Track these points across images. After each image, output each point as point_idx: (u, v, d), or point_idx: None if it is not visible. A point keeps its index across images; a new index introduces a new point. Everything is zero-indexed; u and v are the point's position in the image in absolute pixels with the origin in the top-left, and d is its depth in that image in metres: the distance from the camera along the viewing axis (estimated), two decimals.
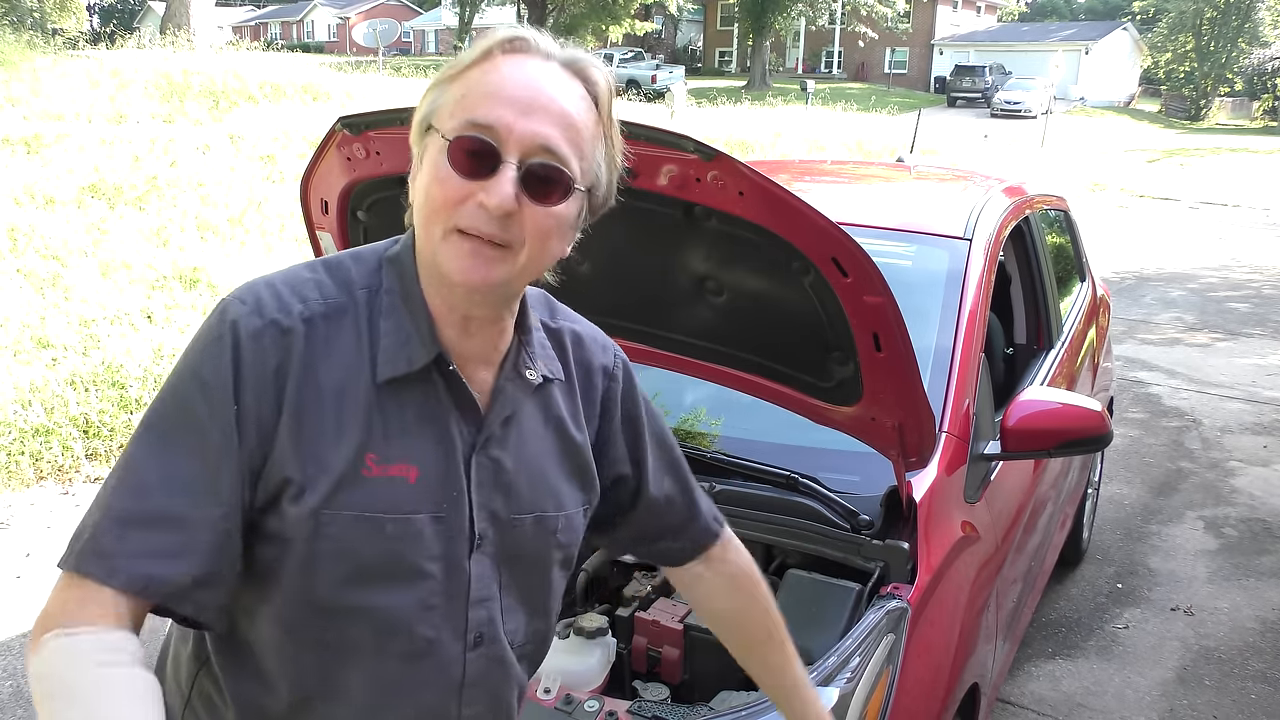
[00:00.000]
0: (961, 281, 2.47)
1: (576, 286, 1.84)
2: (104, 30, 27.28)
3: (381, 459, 0.98)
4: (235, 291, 0.99)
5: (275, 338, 0.95)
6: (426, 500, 1.00)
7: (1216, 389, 6.62)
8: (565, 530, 1.13)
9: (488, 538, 1.05)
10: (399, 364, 0.99)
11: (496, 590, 1.08)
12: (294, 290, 0.99)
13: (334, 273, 1.03)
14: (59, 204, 6.91)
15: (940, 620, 1.91)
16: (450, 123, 0.95)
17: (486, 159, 0.93)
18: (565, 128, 0.95)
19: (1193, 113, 47.51)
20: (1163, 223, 15.32)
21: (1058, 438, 2.20)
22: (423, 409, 1.01)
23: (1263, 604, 3.81)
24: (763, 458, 2.09)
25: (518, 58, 0.96)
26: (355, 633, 1.00)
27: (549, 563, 1.13)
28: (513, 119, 0.93)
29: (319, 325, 0.98)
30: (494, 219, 0.93)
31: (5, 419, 4.44)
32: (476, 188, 0.93)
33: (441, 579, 1.02)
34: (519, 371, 1.07)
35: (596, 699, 1.72)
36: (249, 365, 0.94)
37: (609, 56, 35.56)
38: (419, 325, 1.00)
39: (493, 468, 1.05)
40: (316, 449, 0.96)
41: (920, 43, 47.30)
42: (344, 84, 13.34)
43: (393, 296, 1.01)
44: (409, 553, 1.00)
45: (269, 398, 0.95)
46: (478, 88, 0.95)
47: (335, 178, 1.77)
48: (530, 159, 0.94)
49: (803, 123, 19.34)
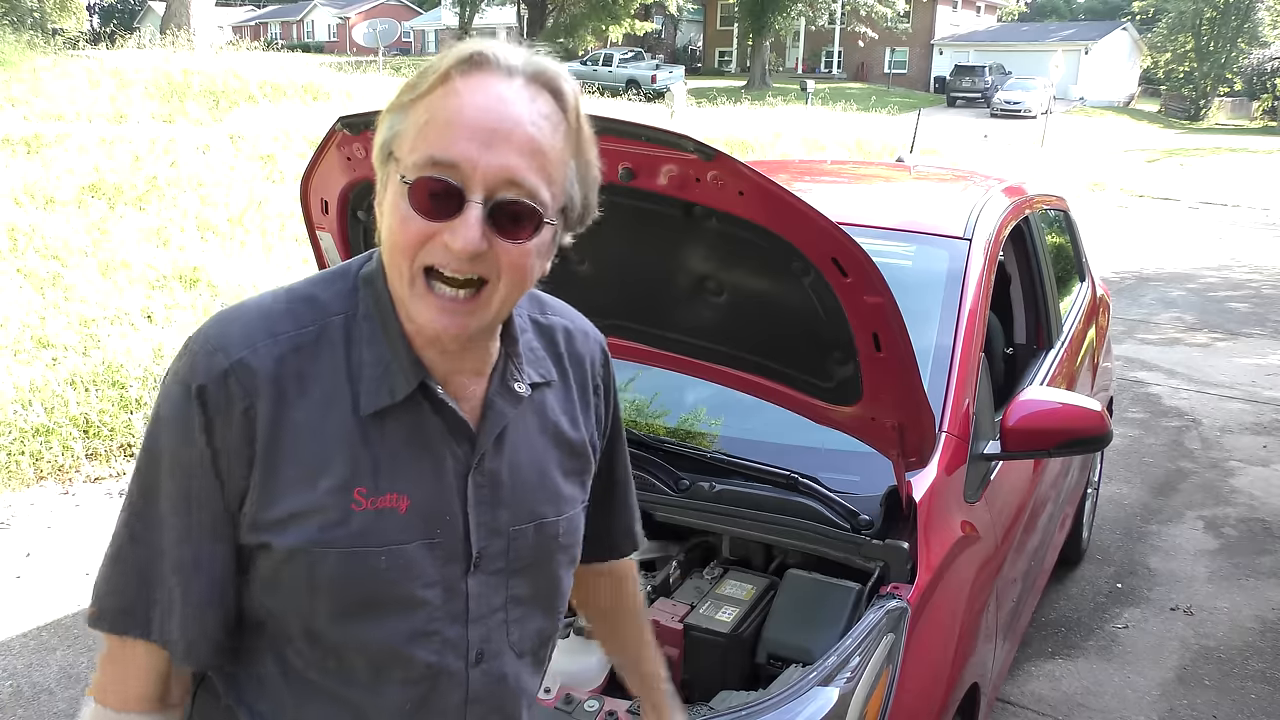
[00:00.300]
0: (961, 281, 2.47)
1: (577, 286, 1.84)
2: (104, 30, 27.30)
3: (370, 492, 0.96)
4: (203, 329, 0.97)
5: (242, 378, 0.93)
6: (419, 528, 0.99)
7: (1216, 389, 6.62)
8: (567, 532, 1.12)
9: (488, 554, 1.04)
10: (381, 396, 0.97)
11: (501, 604, 1.06)
12: (265, 323, 0.96)
13: (308, 301, 0.99)
14: (59, 204, 6.91)
15: (940, 620, 1.92)
16: (411, 157, 0.90)
17: (450, 199, 0.89)
18: (531, 154, 0.90)
19: (1192, 113, 47.50)
20: (1163, 223, 15.32)
21: (1057, 437, 2.20)
22: (411, 436, 0.99)
23: (1263, 604, 3.81)
24: (763, 458, 2.09)
25: (477, 77, 0.91)
26: (354, 664, 1.00)
27: (555, 566, 1.12)
28: (476, 153, 0.88)
29: (290, 361, 0.95)
30: (462, 259, 0.90)
31: (5, 419, 4.45)
32: (442, 228, 0.89)
33: (439, 603, 1.01)
34: (507, 384, 1.05)
35: (596, 699, 1.72)
36: (216, 409, 0.93)
37: (609, 57, 35.57)
38: (398, 353, 0.97)
39: (490, 484, 1.04)
40: (297, 487, 0.94)
41: (920, 43, 47.29)
42: (344, 84, 13.32)
43: (371, 323, 0.98)
44: (402, 582, 0.98)
45: (243, 437, 0.93)
46: (437, 117, 0.90)
47: (335, 178, 1.77)
48: (497, 194, 0.89)
49: (802, 123, 19.32)
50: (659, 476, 2.09)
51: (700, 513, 2.04)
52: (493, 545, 1.04)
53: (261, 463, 0.93)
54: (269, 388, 0.93)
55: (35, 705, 2.90)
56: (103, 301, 5.73)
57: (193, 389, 0.92)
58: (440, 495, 1.00)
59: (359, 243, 1.89)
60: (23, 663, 3.04)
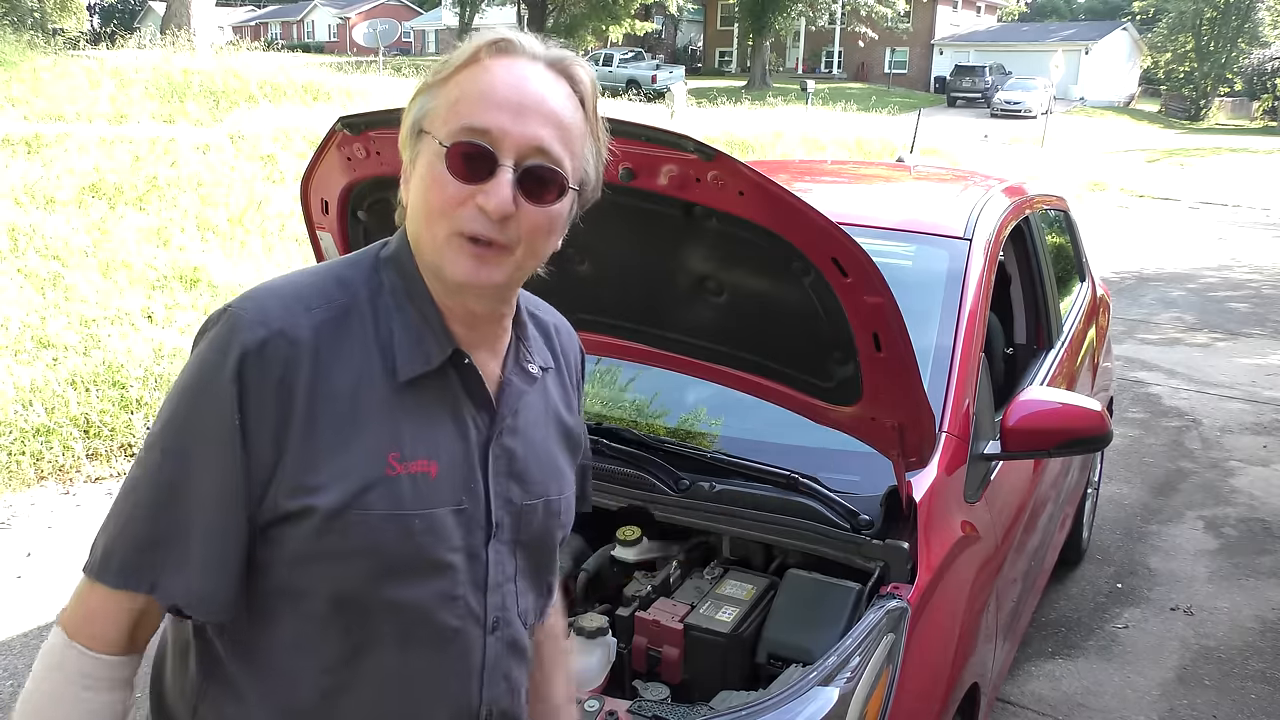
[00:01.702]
0: (961, 281, 2.47)
1: (577, 286, 1.84)
2: (104, 30, 27.27)
3: (404, 457, 1.00)
4: (238, 301, 1.00)
5: (281, 348, 0.96)
6: (447, 494, 1.03)
7: (1216, 389, 6.62)
8: (565, 511, 1.19)
9: (504, 525, 1.09)
10: (417, 362, 1.01)
11: (513, 574, 1.11)
12: (299, 297, 1.00)
13: (335, 278, 1.04)
14: (59, 204, 6.91)
15: (940, 620, 1.92)
16: (445, 128, 0.97)
17: (484, 163, 0.96)
18: (557, 128, 0.98)
19: (1192, 113, 47.50)
20: (1163, 223, 15.33)
21: (1058, 437, 2.20)
22: (439, 404, 1.04)
23: (1263, 604, 3.81)
24: (763, 458, 2.09)
25: (505, 59, 0.99)
26: (383, 626, 1.02)
27: (553, 543, 1.19)
28: (507, 122, 0.96)
29: (326, 331, 0.99)
30: (493, 222, 0.96)
31: (6, 419, 4.45)
32: (475, 191, 0.96)
33: (463, 568, 1.05)
34: (521, 364, 1.11)
35: (596, 699, 1.73)
36: (253, 378, 0.95)
37: (609, 57, 35.57)
38: (430, 322, 1.03)
39: (506, 457, 1.09)
40: (335, 453, 0.97)
41: (920, 43, 47.29)
42: (344, 84, 13.32)
43: (397, 296, 1.03)
44: (433, 546, 1.02)
45: (276, 408, 0.95)
46: (470, 91, 0.97)
47: (336, 178, 1.77)
48: (526, 161, 0.97)
49: (802, 123, 19.31)
50: (659, 476, 2.09)
51: (700, 513, 2.04)
52: (507, 517, 1.09)
53: (301, 429, 0.96)
54: (308, 358, 0.97)
55: None
56: (103, 301, 5.73)
57: (231, 359, 0.95)
58: (466, 462, 1.05)
59: (359, 242, 1.88)
60: (23, 662, 3.04)
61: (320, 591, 1.00)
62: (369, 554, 0.99)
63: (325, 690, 1.03)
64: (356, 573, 0.99)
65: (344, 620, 1.01)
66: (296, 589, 1.00)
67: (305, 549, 0.98)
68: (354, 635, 1.02)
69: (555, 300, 1.26)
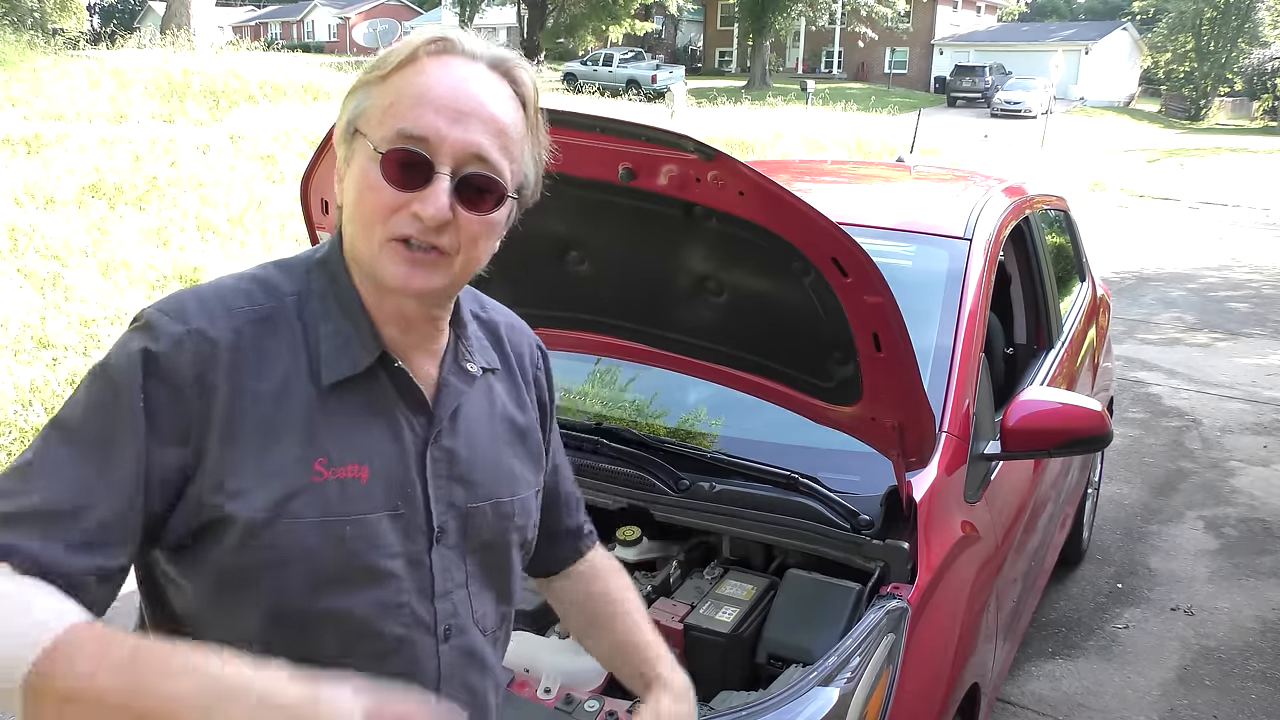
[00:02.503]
0: (961, 281, 2.47)
1: (577, 286, 1.84)
2: (104, 30, 27.29)
3: (331, 462, 0.97)
4: (156, 303, 0.97)
5: (197, 345, 0.93)
6: (381, 499, 1.00)
7: (1216, 389, 6.62)
8: (521, 514, 1.15)
9: (449, 529, 1.05)
10: (343, 366, 0.99)
11: (463, 580, 1.08)
12: (220, 299, 0.97)
13: (261, 281, 1.01)
14: (59, 204, 6.91)
15: (940, 620, 1.92)
16: (380, 131, 0.94)
17: (420, 170, 0.94)
18: (496, 133, 0.96)
19: (1193, 113, 47.50)
20: (1163, 223, 15.32)
21: (1058, 437, 2.20)
22: (369, 408, 1.01)
23: (1263, 604, 3.81)
24: (763, 458, 2.09)
25: (444, 59, 0.96)
26: (323, 638, 0.99)
27: (509, 546, 1.14)
28: (444, 128, 0.93)
29: (248, 332, 0.96)
30: (429, 229, 0.94)
31: (6, 419, 4.45)
32: (411, 198, 0.94)
33: (405, 576, 1.02)
34: (460, 364, 1.08)
35: (596, 699, 1.72)
36: (165, 371, 0.91)
37: (609, 57, 35.56)
38: (358, 325, 1.00)
39: (446, 459, 1.06)
40: (257, 459, 0.94)
41: (920, 43, 47.30)
42: (344, 84, 13.32)
43: (326, 300, 1.01)
44: (368, 554, 0.99)
45: (191, 407, 0.92)
46: (406, 93, 0.95)
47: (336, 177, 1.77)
48: (464, 169, 0.95)
49: (803, 123, 19.33)
50: (659, 476, 2.09)
51: (700, 513, 2.04)
52: (451, 521, 1.06)
53: (220, 431, 0.93)
54: (226, 357, 0.94)
55: None
56: (103, 302, 5.73)
57: (140, 354, 0.91)
58: (401, 466, 1.02)
59: None
60: None
61: (253, 607, 0.96)
62: (299, 562, 0.95)
63: None
64: (289, 584, 0.95)
65: (281, 635, 0.97)
66: (228, 606, 0.96)
67: (233, 562, 0.94)
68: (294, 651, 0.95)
69: (556, 300, 1.26)
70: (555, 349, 1.88)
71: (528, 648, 1.81)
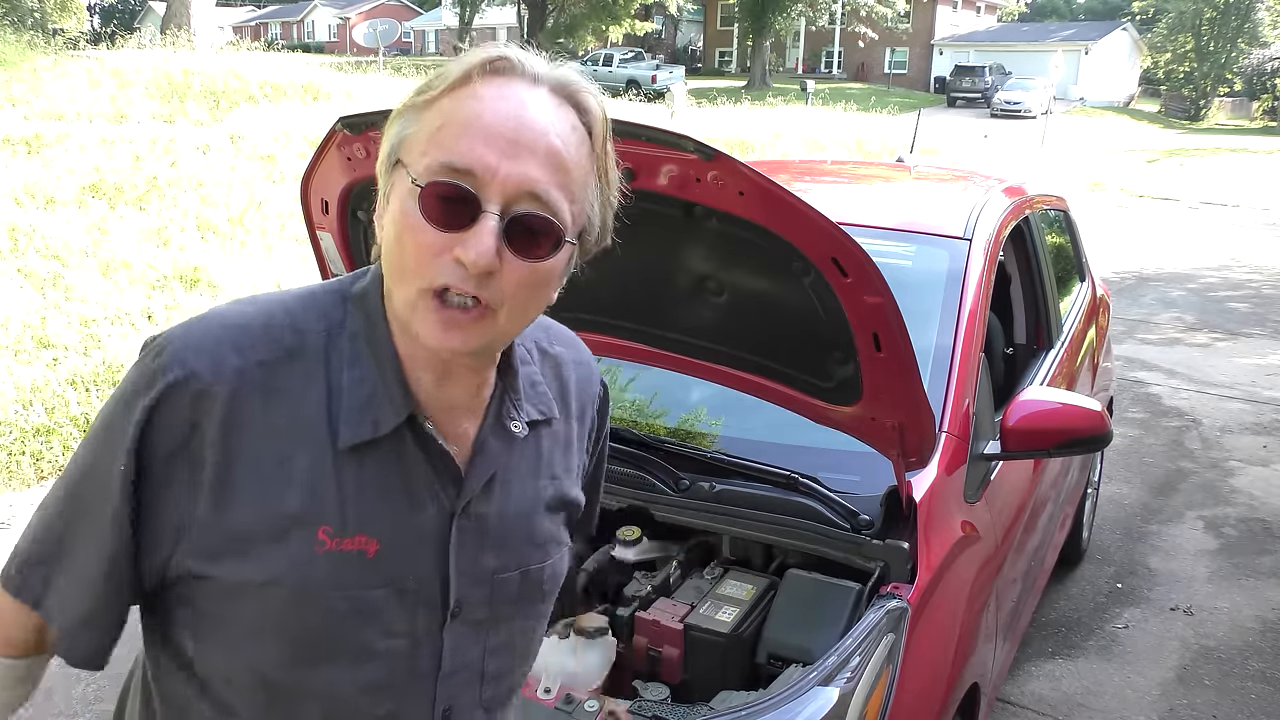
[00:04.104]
0: (961, 281, 2.47)
1: (576, 286, 1.84)
2: (105, 30, 27.28)
3: (337, 532, 0.87)
4: (164, 335, 0.89)
5: (196, 395, 0.85)
6: (387, 575, 0.90)
7: (1216, 389, 6.62)
8: (551, 578, 1.05)
9: (468, 603, 0.96)
10: (363, 428, 0.88)
11: (478, 657, 0.99)
12: (231, 336, 0.87)
13: (286, 313, 0.91)
14: (60, 204, 6.91)
15: (940, 620, 1.92)
16: (422, 161, 0.83)
17: (464, 207, 0.82)
18: (555, 169, 0.83)
19: (1192, 113, 47.50)
20: (1163, 223, 15.32)
21: (1057, 437, 2.20)
22: (390, 475, 0.90)
23: (1263, 604, 3.81)
24: (763, 458, 2.09)
25: (500, 81, 0.84)
26: (304, 712, 0.92)
27: (536, 614, 1.05)
28: (495, 160, 0.81)
29: (256, 377, 0.86)
30: (472, 276, 0.82)
31: (6, 419, 4.45)
32: (453, 240, 0.82)
33: (404, 655, 0.93)
34: (503, 423, 0.97)
35: (596, 699, 1.73)
36: (160, 424, 0.85)
37: (609, 57, 35.57)
38: (386, 378, 0.89)
39: (475, 529, 0.95)
40: (250, 517, 0.86)
41: (920, 43, 47.29)
42: (344, 84, 13.33)
43: (357, 342, 0.90)
44: (362, 630, 0.90)
45: (184, 456, 0.85)
46: (455, 119, 0.83)
47: (336, 178, 1.77)
48: (515, 207, 0.82)
49: (803, 123, 19.32)
50: (659, 476, 2.09)
51: (700, 513, 2.04)
52: (474, 594, 0.96)
53: (211, 487, 0.85)
54: (225, 408, 0.85)
55: (35, 705, 2.90)
56: (103, 302, 5.73)
57: (139, 404, 0.85)
58: (416, 539, 0.92)
59: (359, 242, 1.89)
60: None
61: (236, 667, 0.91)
62: (279, 634, 0.88)
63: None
64: (269, 654, 0.89)
65: (263, 701, 0.92)
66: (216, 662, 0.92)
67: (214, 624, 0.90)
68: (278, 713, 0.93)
69: (555, 300, 1.25)
70: None
71: None
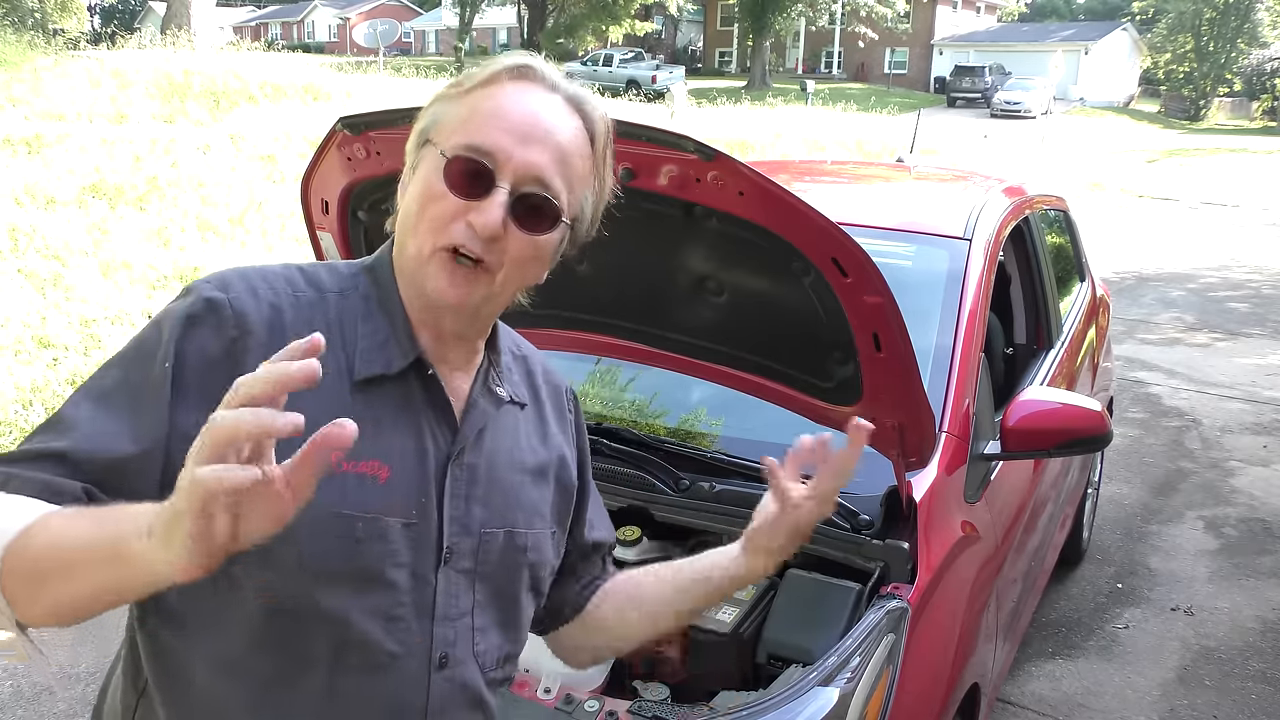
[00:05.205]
0: (961, 281, 2.47)
1: (577, 287, 1.84)
2: (105, 30, 27.30)
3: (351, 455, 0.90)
4: (203, 276, 1.01)
5: (235, 315, 0.95)
6: (396, 503, 0.98)
7: (1216, 389, 6.63)
8: (534, 549, 1.12)
9: (458, 551, 1.03)
10: (376, 365, 1.00)
11: (469, 607, 1.05)
12: (264, 278, 1.00)
13: (306, 273, 1.04)
14: (60, 204, 6.91)
15: (940, 620, 1.92)
16: (450, 140, 0.97)
17: (481, 181, 0.96)
18: (559, 161, 0.98)
19: (1192, 113, 47.51)
20: (1163, 223, 15.33)
21: (1057, 437, 2.20)
22: (398, 410, 1.01)
23: (1263, 604, 3.82)
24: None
25: (523, 85, 0.99)
26: (316, 639, 0.96)
27: (519, 582, 1.11)
28: (511, 146, 0.96)
29: (285, 313, 0.98)
30: (480, 239, 0.95)
31: (6, 419, 4.45)
32: (468, 208, 0.95)
33: (408, 589, 0.99)
34: (490, 388, 1.09)
35: (596, 699, 1.73)
36: (200, 336, 0.94)
37: (609, 57, 35.57)
38: (397, 329, 1.02)
39: (466, 477, 1.04)
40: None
41: (920, 43, 47.29)
42: (344, 84, 13.35)
43: (369, 302, 1.03)
44: (375, 557, 0.97)
45: (219, 372, 0.90)
46: (481, 110, 0.98)
47: (336, 178, 1.77)
48: (523, 187, 0.96)
49: (803, 123, 19.34)
50: (659, 476, 2.09)
51: (700, 513, 2.04)
52: (463, 543, 1.04)
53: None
54: (262, 330, 0.95)
55: (35, 705, 2.91)
56: (104, 302, 5.74)
57: (180, 314, 0.95)
58: (420, 475, 1.01)
59: (359, 242, 1.89)
60: (22, 664, 3.04)
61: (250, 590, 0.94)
62: (302, 554, 0.93)
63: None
64: (288, 574, 0.93)
65: (276, 634, 0.95)
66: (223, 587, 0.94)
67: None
68: (287, 650, 0.96)
69: (555, 300, 1.26)
70: (555, 349, 1.89)
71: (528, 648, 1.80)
